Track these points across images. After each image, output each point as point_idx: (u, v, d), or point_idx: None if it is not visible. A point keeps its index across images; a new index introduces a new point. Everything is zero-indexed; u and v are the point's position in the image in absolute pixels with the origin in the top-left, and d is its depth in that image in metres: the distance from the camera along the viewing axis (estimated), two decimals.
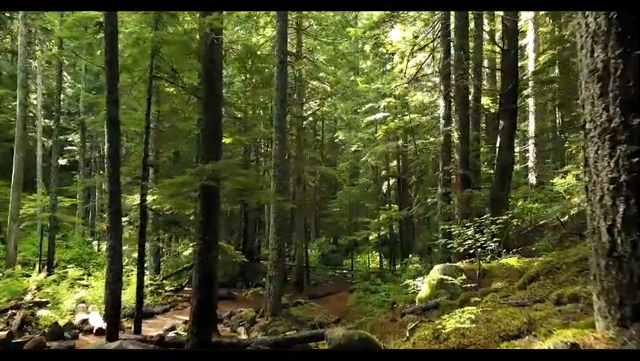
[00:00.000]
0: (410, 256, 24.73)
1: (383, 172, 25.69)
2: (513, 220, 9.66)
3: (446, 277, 8.78)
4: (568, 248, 6.93)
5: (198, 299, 6.95)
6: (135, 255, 18.24)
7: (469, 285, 8.47)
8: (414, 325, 5.50)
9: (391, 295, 16.04)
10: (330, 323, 14.38)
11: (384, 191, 26.95)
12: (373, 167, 25.65)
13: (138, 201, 9.37)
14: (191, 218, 17.03)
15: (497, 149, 12.63)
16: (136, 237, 15.84)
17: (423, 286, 9.34)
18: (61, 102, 31.21)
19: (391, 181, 26.03)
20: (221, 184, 7.41)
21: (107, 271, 8.34)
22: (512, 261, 8.93)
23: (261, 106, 20.52)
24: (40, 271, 18.35)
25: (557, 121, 21.99)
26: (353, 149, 26.47)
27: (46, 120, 26.80)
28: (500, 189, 12.31)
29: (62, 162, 28.77)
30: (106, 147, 8.87)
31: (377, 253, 25.48)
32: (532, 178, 23.48)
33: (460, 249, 9.58)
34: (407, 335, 5.48)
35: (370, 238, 23.73)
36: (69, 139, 29.91)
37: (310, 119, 29.50)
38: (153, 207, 10.14)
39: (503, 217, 8.99)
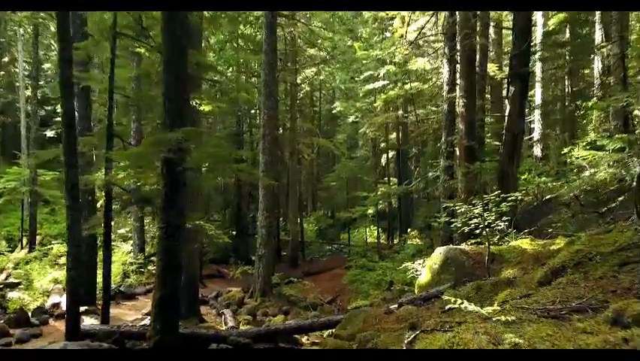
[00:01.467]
0: (409, 230, 23.74)
1: (382, 144, 24.40)
2: (526, 197, 8.49)
3: (449, 261, 7.70)
4: (597, 233, 5.80)
5: (161, 292, 5.87)
6: (122, 231, 17.24)
7: (476, 272, 7.39)
8: (413, 335, 4.40)
9: (388, 274, 15.10)
10: (323, 303, 13.44)
11: (383, 164, 25.73)
12: (372, 139, 24.35)
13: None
14: None
15: (506, 117, 11.36)
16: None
17: (423, 271, 8.27)
18: (47, 71, 29.73)
19: (390, 154, 24.78)
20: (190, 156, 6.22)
21: (67, 257, 7.24)
22: (524, 243, 7.82)
23: (252, 73, 19.09)
24: (22, 248, 17.37)
25: (566, 90, 20.54)
26: (351, 120, 25.10)
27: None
28: (509, 162, 11.09)
29: (50, 133, 27.46)
30: (60, 113, 7.62)
31: (375, 228, 24.46)
32: (537, 150, 22.24)
33: (464, 229, 8.46)
34: (405, 344, 4.38)
35: (368, 212, 22.70)
36: (57, 110, 28.50)
37: (307, 89, 28.01)
38: (125, 183, 8.97)
39: (516, 194, 7.82)
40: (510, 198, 7.86)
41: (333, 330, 7.13)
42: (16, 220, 21.82)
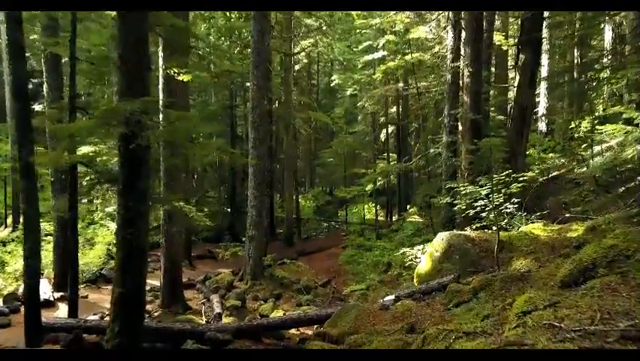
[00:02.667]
0: (408, 207, 22.90)
1: (382, 119, 23.30)
2: (540, 178, 7.57)
3: (453, 248, 6.85)
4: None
5: (120, 289, 5.02)
6: (109, 209, 16.39)
7: (482, 261, 6.54)
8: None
9: (386, 254, 14.33)
10: (317, 286, 12.68)
11: (383, 139, 24.68)
12: (371, 113, 23.23)
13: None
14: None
15: (515, 88, 10.34)
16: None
17: (423, 259, 7.42)
18: (34, 43, 28.34)
19: (390, 129, 23.70)
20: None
21: (23, 247, 6.38)
22: (536, 229, 6.95)
23: (245, 43, 17.86)
24: (6, 227, 16.58)
25: (575, 61, 19.32)
26: (349, 92, 23.92)
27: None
28: (518, 137, 10.14)
29: (38, 107, 26.32)
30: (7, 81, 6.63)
31: (373, 204, 23.63)
32: (542, 125, 21.18)
33: (469, 212, 7.58)
34: None
35: (367, 188, 21.81)
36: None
37: (304, 61, 26.73)
38: (97, 160, 8.04)
39: (528, 174, 6.90)
40: (521, 179, 6.95)
41: (322, 327, 6.32)
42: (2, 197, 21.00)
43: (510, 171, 6.81)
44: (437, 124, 20.08)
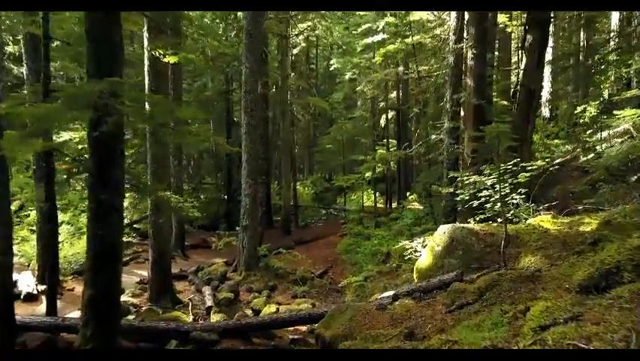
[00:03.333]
0: (408, 194, 22.42)
1: (382, 104, 22.66)
2: (552, 167, 7.04)
3: (455, 242, 6.36)
4: None
5: (91, 290, 4.55)
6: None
7: (488, 257, 6.06)
8: None
9: (385, 244, 13.88)
10: (314, 277, 12.25)
11: (382, 125, 24.07)
12: (370, 98, 22.57)
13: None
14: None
15: (522, 71, 9.76)
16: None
17: (424, 253, 6.94)
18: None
19: (390, 114, 23.08)
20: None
21: None
22: (545, 221, 6.45)
23: (238, 25, 17.15)
24: None
25: (582, 43, 18.62)
26: (347, 76, 23.23)
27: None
28: (524, 123, 9.59)
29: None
30: None
31: (372, 191, 23.15)
32: (545, 111, 20.59)
33: (473, 203, 7.09)
34: None
35: (367, 175, 21.28)
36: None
37: (302, 44, 25.98)
38: (80, 147, 7.55)
39: (538, 163, 6.38)
40: (530, 168, 6.44)
41: (315, 326, 5.88)
42: None
43: (518, 159, 6.29)
44: (438, 109, 19.45)
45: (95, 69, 4.55)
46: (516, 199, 6.92)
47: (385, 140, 22.97)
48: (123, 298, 9.08)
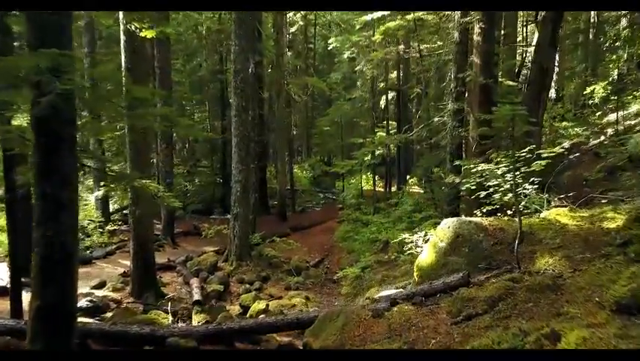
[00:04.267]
0: (408, 177, 21.68)
1: (381, 84, 21.72)
2: (571, 154, 6.26)
3: (461, 238, 5.65)
4: None
5: (40, 301, 3.87)
6: (89, 182, 15.14)
7: (498, 256, 5.35)
8: None
9: (383, 231, 13.22)
10: (309, 266, 11.63)
11: (382, 106, 23.17)
12: (370, 79, 21.61)
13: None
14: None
15: (534, 47, 8.92)
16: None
17: (425, 248, 6.23)
18: None
19: (390, 95, 22.16)
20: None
21: None
22: (562, 215, 5.73)
23: None
24: None
25: (592, 20, 17.62)
26: (346, 55, 22.23)
27: None
28: (534, 103, 8.78)
29: None
30: None
31: (371, 175, 22.41)
32: (551, 91, 19.67)
33: (480, 193, 6.35)
34: None
35: (365, 158, 20.49)
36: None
37: (300, 23, 24.92)
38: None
39: (555, 149, 5.62)
40: (546, 155, 5.68)
41: (304, 334, 5.21)
42: None
43: (533, 145, 5.54)
44: (440, 90, 18.57)
45: (37, 41, 3.77)
46: (528, 189, 6.19)
47: (385, 122, 22.12)
48: (103, 292, 8.47)
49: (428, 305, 4.82)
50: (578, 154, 11.60)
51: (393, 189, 21.43)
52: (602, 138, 12.72)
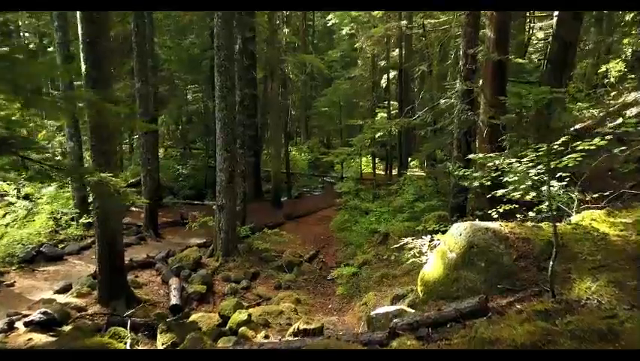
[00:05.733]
0: (410, 160, 20.55)
1: (382, 62, 20.36)
2: (616, 149, 5.13)
3: (476, 249, 4.59)
4: None
5: None
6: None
7: (522, 274, 4.29)
8: None
9: (383, 221, 12.18)
10: (302, 261, 10.63)
11: (383, 86, 21.85)
12: (370, 57, 20.24)
13: None
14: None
15: (556, 20, 7.68)
16: None
17: (431, 258, 5.18)
18: None
19: (392, 74, 20.82)
20: None
21: None
22: (599, 220, 4.64)
23: None
24: None
25: None
26: (345, 31, 20.82)
27: None
28: (555, 83, 7.60)
29: None
30: None
31: (370, 157, 21.27)
32: None
33: (496, 192, 5.26)
34: None
35: (367, 138, 19.27)
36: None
37: None
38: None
39: (595, 141, 4.50)
40: (580, 147, 4.57)
41: None
42: None
43: (568, 135, 4.42)
44: (445, 68, 17.26)
45: None
46: (554, 187, 5.10)
47: (386, 102, 20.85)
48: (66, 299, 7.48)
49: (436, 340, 3.79)
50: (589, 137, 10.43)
51: (394, 172, 20.34)
52: (620, 120, 11.54)
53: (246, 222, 12.02)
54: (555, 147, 4.40)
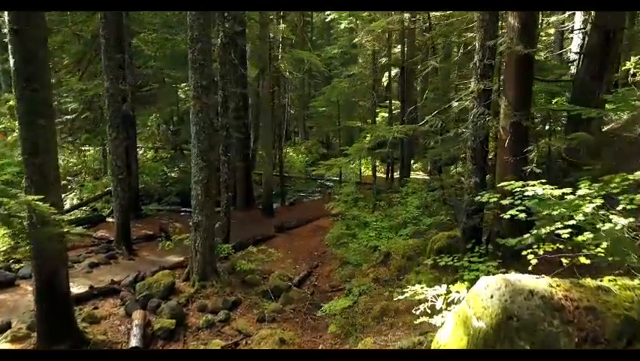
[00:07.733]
0: (412, 162, 19.12)
1: (383, 59, 18.88)
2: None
3: (516, 322, 3.17)
4: None
5: None
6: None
7: None
8: None
9: (384, 237, 10.77)
10: (291, 285, 9.22)
11: (385, 84, 20.37)
12: (371, 54, 18.76)
13: None
14: None
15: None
16: None
17: (449, 325, 3.74)
18: None
19: (393, 72, 19.34)
20: None
21: None
22: None
23: None
24: None
25: None
26: (343, 25, 19.34)
27: None
28: (594, 81, 6.19)
29: None
30: None
31: (370, 159, 19.84)
32: (574, 68, 16.83)
33: (532, 231, 3.85)
34: None
35: (366, 142, 17.85)
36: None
37: None
38: None
39: None
40: None
41: None
42: None
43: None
44: (449, 66, 15.83)
45: None
46: (616, 225, 3.67)
47: (388, 101, 19.38)
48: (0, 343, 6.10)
49: None
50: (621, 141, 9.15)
51: (396, 175, 18.91)
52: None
53: (230, 238, 10.64)
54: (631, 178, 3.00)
